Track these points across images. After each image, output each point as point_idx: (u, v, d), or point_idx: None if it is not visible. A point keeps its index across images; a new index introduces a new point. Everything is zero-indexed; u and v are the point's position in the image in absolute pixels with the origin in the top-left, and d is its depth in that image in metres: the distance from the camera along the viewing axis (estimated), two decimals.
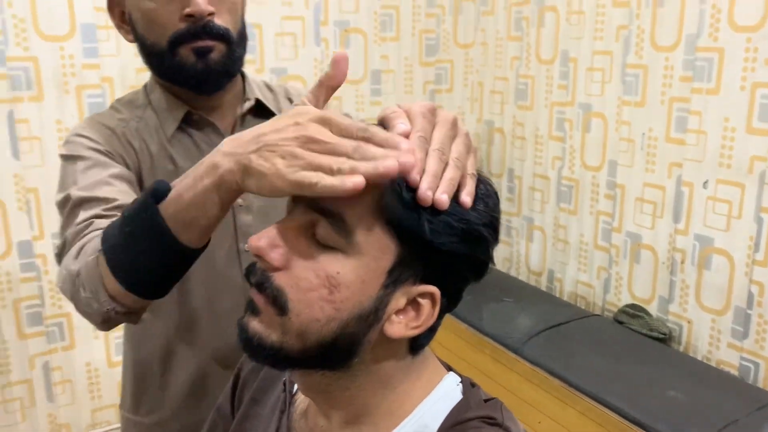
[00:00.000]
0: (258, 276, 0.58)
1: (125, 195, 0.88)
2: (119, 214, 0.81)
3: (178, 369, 1.05)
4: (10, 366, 2.08)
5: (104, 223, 0.80)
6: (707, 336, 1.93)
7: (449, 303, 0.60)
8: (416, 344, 0.61)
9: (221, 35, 0.92)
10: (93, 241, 0.78)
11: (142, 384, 1.07)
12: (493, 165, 2.69)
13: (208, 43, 0.92)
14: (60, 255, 0.85)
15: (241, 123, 1.03)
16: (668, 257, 2.02)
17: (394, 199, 0.54)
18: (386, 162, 0.52)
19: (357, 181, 0.51)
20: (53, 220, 1.99)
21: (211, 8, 0.90)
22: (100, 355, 2.20)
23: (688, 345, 1.99)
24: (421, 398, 0.62)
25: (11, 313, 2.05)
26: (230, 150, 0.59)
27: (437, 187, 0.54)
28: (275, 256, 0.56)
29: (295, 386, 0.72)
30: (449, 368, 0.67)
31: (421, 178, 0.54)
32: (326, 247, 0.56)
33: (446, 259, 0.57)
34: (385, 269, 0.56)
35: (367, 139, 0.54)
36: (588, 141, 2.24)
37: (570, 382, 1.84)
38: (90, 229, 0.82)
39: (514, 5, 2.47)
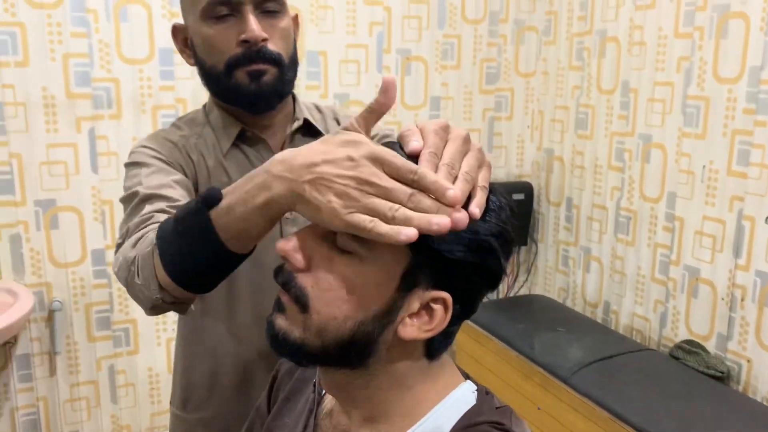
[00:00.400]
0: (284, 276, 0.63)
1: (186, 199, 0.95)
2: None
3: (225, 370, 1.11)
4: (79, 367, 2.21)
5: (164, 217, 0.86)
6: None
7: (463, 310, 0.63)
8: (432, 349, 0.64)
9: (274, 59, 0.99)
10: (151, 233, 0.83)
11: (191, 382, 1.14)
12: (552, 193, 2.69)
13: (262, 66, 0.98)
14: (121, 245, 0.90)
15: (290, 141, 1.10)
16: (728, 293, 1.96)
17: None
18: (440, 219, 0.54)
19: (411, 234, 0.54)
20: None
21: (264, 35, 0.97)
22: (161, 361, 2.31)
23: (747, 385, 1.92)
24: (436, 401, 0.65)
25: (83, 316, 2.18)
26: (282, 174, 0.60)
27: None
28: (299, 258, 0.61)
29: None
30: (467, 377, 0.70)
31: None
32: (346, 252, 0.60)
33: (456, 267, 0.60)
34: (398, 274, 0.60)
35: (417, 182, 0.57)
36: (647, 172, 2.22)
37: (619, 414, 1.80)
38: (151, 221, 0.88)
39: (575, 35, 2.49)
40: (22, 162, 2.01)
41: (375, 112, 0.64)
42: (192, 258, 0.72)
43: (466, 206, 0.59)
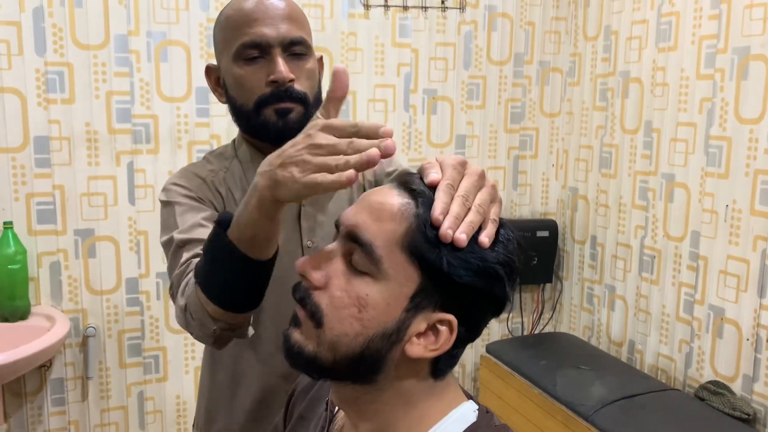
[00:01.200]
0: (301, 293, 0.68)
1: None
2: None
3: (248, 391, 1.15)
4: (110, 392, 2.27)
5: None
6: None
7: (468, 333, 0.67)
8: (437, 368, 0.68)
9: (300, 99, 1.06)
10: (192, 278, 0.92)
11: (215, 403, 1.19)
12: (577, 231, 2.70)
13: (288, 105, 1.05)
14: (173, 296, 1.01)
15: None
16: (753, 333, 1.95)
17: (419, 235, 0.63)
18: (370, 151, 0.64)
19: (350, 174, 0.64)
20: (158, 260, 2.21)
21: (291, 75, 1.05)
22: (189, 389, 2.36)
23: None
24: (438, 418, 0.69)
25: (115, 343, 2.26)
26: (263, 169, 0.73)
27: (458, 227, 0.63)
28: (317, 276, 0.66)
29: (337, 407, 0.81)
30: (471, 397, 0.73)
31: (444, 219, 0.62)
32: (360, 272, 0.65)
33: (463, 292, 0.64)
34: (407, 295, 0.64)
35: (357, 132, 0.67)
36: (671, 211, 2.23)
37: None
38: (190, 268, 0.97)
39: (599, 77, 2.53)
40: (64, 193, 2.11)
41: (332, 100, 0.75)
42: (224, 277, 0.82)
43: (476, 236, 0.64)
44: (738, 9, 1.96)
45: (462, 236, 0.62)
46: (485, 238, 0.64)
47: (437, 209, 0.63)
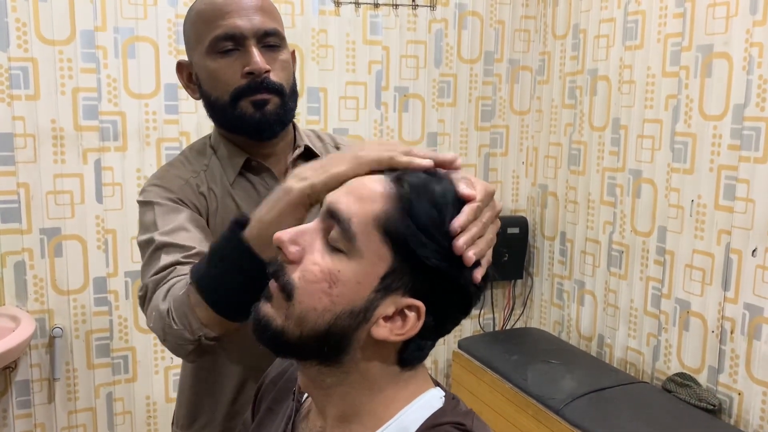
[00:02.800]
0: (275, 266, 0.69)
1: (200, 243, 1.01)
2: (197, 261, 0.94)
3: (229, 385, 1.14)
4: (78, 394, 2.24)
5: (184, 269, 0.94)
6: (758, 409, 1.88)
7: (436, 324, 0.67)
8: (403, 357, 0.69)
9: (276, 89, 1.05)
10: (179, 282, 0.91)
11: (199, 401, 1.17)
12: (547, 228, 2.73)
13: (265, 96, 1.05)
14: (143, 298, 0.98)
15: (293, 167, 1.15)
16: (717, 326, 1.99)
17: (398, 215, 0.64)
18: (422, 161, 0.70)
19: (426, 163, 0.70)
20: (127, 259, 2.18)
21: (267, 66, 1.04)
22: (159, 390, 2.33)
23: (738, 418, 1.93)
24: (404, 404, 0.69)
25: (83, 344, 2.22)
26: (300, 175, 0.75)
27: (469, 246, 0.66)
28: (293, 250, 0.67)
29: (304, 395, 0.81)
30: (438, 385, 0.74)
31: (462, 233, 0.66)
32: (335, 249, 0.66)
33: (432, 277, 0.65)
34: (378, 275, 0.65)
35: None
36: (638, 206, 2.27)
37: None
38: (172, 274, 0.95)
39: (568, 75, 2.57)
40: (29, 191, 2.07)
41: None
42: (231, 277, 0.82)
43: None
44: (701, 7, 2.00)
45: (473, 257, 0.66)
46: (471, 254, 0.66)
47: (460, 220, 0.66)
